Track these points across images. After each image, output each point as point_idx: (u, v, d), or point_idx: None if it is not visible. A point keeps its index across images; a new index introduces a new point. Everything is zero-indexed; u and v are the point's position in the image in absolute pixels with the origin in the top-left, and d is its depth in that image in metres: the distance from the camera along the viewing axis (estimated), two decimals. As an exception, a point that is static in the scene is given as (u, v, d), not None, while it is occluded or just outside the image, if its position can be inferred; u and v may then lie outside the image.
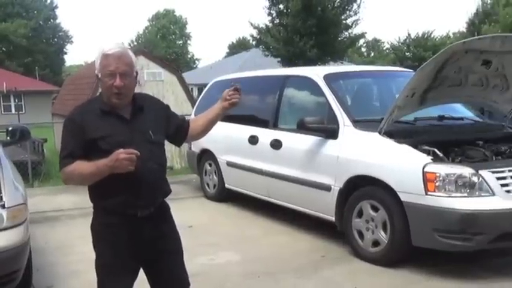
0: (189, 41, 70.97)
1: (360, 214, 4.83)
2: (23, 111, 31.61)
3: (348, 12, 19.35)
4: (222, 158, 6.93)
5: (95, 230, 2.67)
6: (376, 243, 4.70)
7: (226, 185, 7.00)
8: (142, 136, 2.56)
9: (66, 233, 6.05)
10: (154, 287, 2.77)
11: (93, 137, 2.48)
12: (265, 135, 6.09)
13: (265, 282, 4.42)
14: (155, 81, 13.16)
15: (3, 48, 49.96)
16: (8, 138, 5.00)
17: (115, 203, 2.54)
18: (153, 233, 2.63)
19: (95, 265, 2.67)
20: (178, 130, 2.82)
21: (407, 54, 42.42)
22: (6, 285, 3.61)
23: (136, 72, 2.61)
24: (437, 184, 4.22)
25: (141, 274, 2.75)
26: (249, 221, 6.37)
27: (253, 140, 6.28)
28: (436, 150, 4.53)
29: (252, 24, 20.47)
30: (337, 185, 5.02)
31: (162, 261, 2.69)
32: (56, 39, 57.40)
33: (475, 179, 4.21)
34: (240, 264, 4.81)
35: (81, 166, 2.46)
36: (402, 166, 4.46)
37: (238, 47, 55.76)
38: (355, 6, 19.31)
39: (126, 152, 2.35)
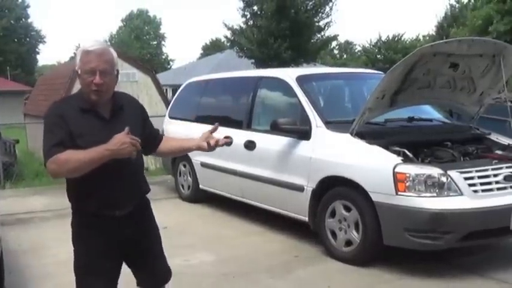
0: (163, 42, 70.61)
1: (333, 214, 4.88)
2: (-6, 112, 30.94)
3: (320, 14, 19.51)
4: (196, 159, 6.92)
5: (73, 231, 2.63)
6: (348, 242, 4.76)
7: (201, 186, 7.01)
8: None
9: (39, 235, 5.98)
10: (139, 281, 2.81)
11: (73, 130, 2.43)
12: (239, 136, 6.08)
13: (240, 283, 4.44)
14: (129, 82, 13.03)
15: (-26, 48, 48.92)
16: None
17: (92, 204, 2.52)
18: (134, 232, 2.63)
19: (73, 266, 2.63)
20: (151, 139, 2.78)
21: (378, 56, 42.96)
22: (-23, 288, 3.56)
23: (117, 71, 2.58)
24: (407, 184, 4.30)
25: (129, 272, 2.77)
26: (224, 222, 6.38)
27: (227, 141, 6.27)
28: (406, 151, 4.61)
29: (226, 25, 20.51)
30: (310, 186, 5.07)
31: (144, 257, 2.73)
32: (28, 39, 56.38)
33: (443, 179, 4.30)
34: (215, 264, 4.82)
35: (77, 153, 2.34)
36: (373, 167, 4.53)
37: (212, 48, 55.64)
38: (327, 8, 19.49)
39: (132, 138, 2.32)
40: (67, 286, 4.36)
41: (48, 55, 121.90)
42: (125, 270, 2.75)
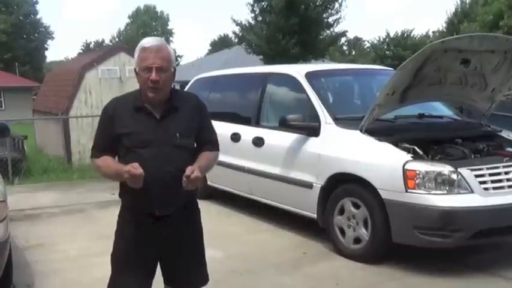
0: (171, 38, 70.62)
1: (342, 211, 4.86)
2: (3, 108, 31.14)
3: (329, 10, 19.42)
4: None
5: (117, 224, 2.71)
6: (357, 240, 4.74)
7: (209, 183, 6.99)
8: (167, 137, 2.52)
9: (46, 231, 6.00)
10: (166, 282, 2.79)
11: (120, 132, 2.51)
12: (248, 132, 6.10)
13: (248, 280, 4.43)
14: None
15: (-17, 44, 49.07)
16: (-13, 135, 4.93)
17: (133, 200, 2.57)
18: (172, 234, 2.62)
19: (111, 258, 2.69)
20: (198, 145, 2.66)
21: (387, 53, 42.72)
22: (-15, 283, 3.57)
23: (174, 68, 2.56)
24: (417, 181, 4.27)
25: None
26: (232, 219, 6.39)
27: (235, 137, 6.28)
28: (416, 148, 4.58)
29: (234, 21, 20.42)
30: (318, 183, 5.05)
31: (176, 260, 2.69)
32: (36, 35, 56.53)
33: (454, 176, 4.26)
34: (223, 261, 4.81)
35: (106, 164, 2.57)
36: (383, 164, 4.50)
37: (220, 45, 55.60)
38: (336, 4, 19.39)
39: (134, 172, 2.35)
40: (74, 282, 4.43)
41: (56, 51, 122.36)
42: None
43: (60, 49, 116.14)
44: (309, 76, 5.61)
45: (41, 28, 56.99)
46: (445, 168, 4.30)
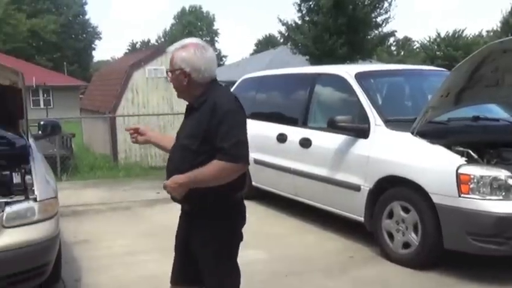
0: (216, 38, 71.23)
1: (390, 215, 4.76)
2: (51, 106, 31.93)
3: (378, 10, 19.10)
4: (250, 156, 6.87)
5: None
6: (406, 245, 4.63)
7: (254, 183, 6.96)
8: (179, 135, 2.70)
9: (93, 228, 6.11)
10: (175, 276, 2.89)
11: None
12: (294, 133, 6.04)
13: (293, 282, 4.39)
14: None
15: (34, 44, 50.75)
16: (40, 132, 5.05)
17: None
18: (189, 230, 2.71)
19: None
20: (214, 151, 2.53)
21: (438, 53, 41.75)
22: (36, 278, 3.63)
23: (180, 70, 2.59)
24: (471, 186, 4.13)
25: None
26: (276, 220, 6.34)
27: (281, 138, 6.23)
28: (470, 151, 4.45)
29: (281, 20, 20.31)
30: (367, 185, 4.96)
31: (192, 258, 2.73)
32: (84, 35, 58.17)
33: (511, 181, 4.11)
34: (267, 262, 4.78)
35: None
36: (435, 167, 4.38)
37: (265, 44, 55.74)
38: (386, 4, 19.04)
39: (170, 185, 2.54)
40: (121, 278, 4.47)
41: (103, 51, 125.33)
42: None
43: (106, 49, 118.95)
44: (359, 77, 5.51)
45: (89, 28, 58.66)
46: (502, 173, 4.15)
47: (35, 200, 3.63)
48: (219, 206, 2.59)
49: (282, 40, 24.85)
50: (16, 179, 3.78)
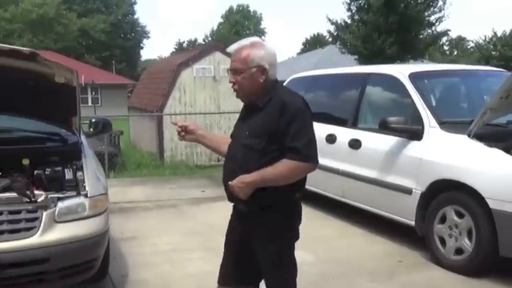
0: (263, 37, 71.26)
1: (443, 220, 4.62)
2: (99, 104, 32.55)
3: (432, 8, 18.63)
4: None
5: None
6: (459, 251, 4.49)
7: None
8: (240, 135, 2.61)
9: (140, 225, 6.19)
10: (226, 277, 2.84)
11: None
12: (344, 134, 5.95)
13: (339, 285, 4.33)
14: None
15: (84, 43, 52.13)
16: (91, 129, 5.15)
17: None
18: (247, 230, 2.66)
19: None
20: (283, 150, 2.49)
21: (493, 53, 40.44)
22: (85, 272, 3.69)
23: (258, 67, 2.54)
24: (531, 192, 3.94)
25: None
26: (323, 221, 6.26)
27: (330, 138, 6.14)
28: (530, 155, 4.24)
29: (330, 19, 20.14)
30: (419, 188, 4.83)
31: (248, 259, 2.71)
32: (133, 34, 59.29)
33: None
34: (314, 264, 4.71)
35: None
36: (492, 171, 4.23)
37: (312, 44, 55.41)
38: (440, 2, 18.57)
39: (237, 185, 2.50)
40: (166, 276, 4.50)
41: (151, 50, 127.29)
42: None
43: (154, 48, 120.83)
44: (413, 77, 5.37)
45: (138, 28, 59.70)
46: None
47: (86, 196, 3.68)
48: (280, 205, 2.59)
49: (330, 39, 24.57)
50: (68, 175, 3.84)
